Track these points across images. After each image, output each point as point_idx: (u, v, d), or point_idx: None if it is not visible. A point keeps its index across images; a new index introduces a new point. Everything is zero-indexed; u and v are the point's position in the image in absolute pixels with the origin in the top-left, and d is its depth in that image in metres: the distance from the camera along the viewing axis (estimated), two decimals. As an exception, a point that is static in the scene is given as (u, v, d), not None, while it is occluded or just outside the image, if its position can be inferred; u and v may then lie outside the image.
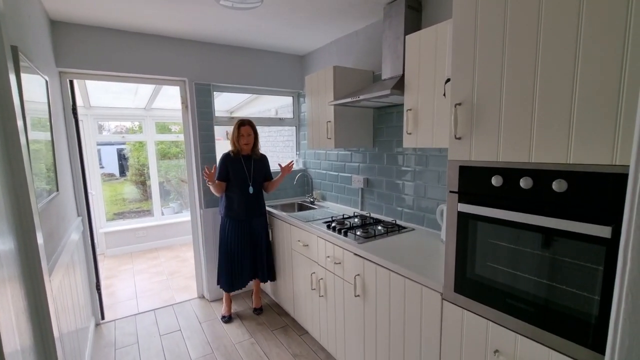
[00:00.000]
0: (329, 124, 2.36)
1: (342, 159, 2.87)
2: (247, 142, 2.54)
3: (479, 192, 1.17)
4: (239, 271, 2.63)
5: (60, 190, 1.80)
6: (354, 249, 1.83)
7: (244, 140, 2.53)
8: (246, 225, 2.62)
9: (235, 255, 2.61)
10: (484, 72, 1.11)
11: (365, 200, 2.66)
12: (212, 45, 2.83)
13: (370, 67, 2.46)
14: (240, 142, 2.53)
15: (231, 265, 2.62)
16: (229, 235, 2.61)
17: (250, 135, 2.55)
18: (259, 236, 2.70)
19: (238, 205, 2.57)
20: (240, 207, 2.58)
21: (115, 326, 2.62)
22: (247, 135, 2.54)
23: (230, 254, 2.61)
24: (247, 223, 2.63)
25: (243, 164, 2.59)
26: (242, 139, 2.53)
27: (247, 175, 2.59)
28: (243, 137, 2.53)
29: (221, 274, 2.65)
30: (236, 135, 2.54)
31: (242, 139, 2.53)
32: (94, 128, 4.57)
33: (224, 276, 2.62)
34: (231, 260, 2.62)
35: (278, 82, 3.20)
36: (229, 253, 2.61)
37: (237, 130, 2.54)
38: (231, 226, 2.60)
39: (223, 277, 2.63)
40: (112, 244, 4.44)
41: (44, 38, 1.95)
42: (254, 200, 2.63)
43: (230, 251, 2.61)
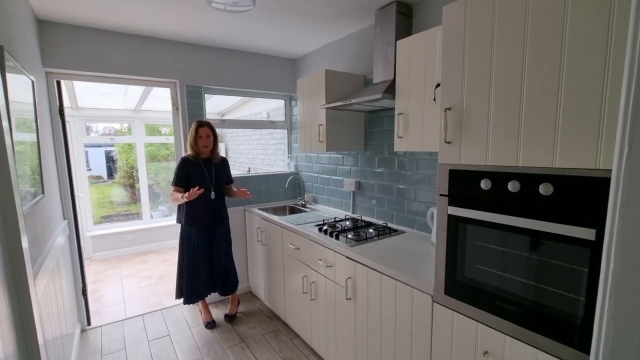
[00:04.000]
0: (320, 127, 2.36)
1: (333, 162, 2.88)
2: (206, 145, 2.43)
3: (468, 195, 1.19)
4: (201, 282, 2.52)
5: (46, 193, 1.76)
6: (346, 251, 1.83)
7: (202, 142, 2.41)
8: (209, 232, 2.54)
9: (198, 264, 2.50)
10: (472, 77, 1.14)
11: (357, 203, 2.67)
12: (204, 47, 2.82)
13: (361, 71, 2.48)
14: (199, 144, 2.41)
15: (192, 276, 2.50)
16: (194, 244, 2.48)
17: (209, 137, 2.44)
18: (220, 243, 2.59)
19: (202, 212, 2.45)
20: (204, 213, 2.46)
21: (101, 332, 2.56)
22: (205, 137, 2.42)
23: (194, 264, 2.49)
24: (210, 230, 2.54)
25: (203, 168, 2.47)
26: (200, 141, 2.40)
27: (208, 180, 2.48)
28: (202, 139, 2.41)
29: (183, 285, 2.52)
30: (194, 137, 2.40)
31: (201, 141, 2.41)
32: (82, 130, 4.48)
33: (186, 287, 2.50)
34: (193, 271, 2.49)
35: (270, 85, 3.20)
36: (192, 263, 2.49)
37: (195, 131, 2.40)
38: (195, 235, 2.48)
39: (185, 288, 2.51)
40: (100, 247, 4.35)
41: (30, 37, 1.91)
42: (217, 205, 2.54)
43: (194, 261, 2.49)
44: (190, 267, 2.50)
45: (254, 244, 3.02)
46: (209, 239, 2.55)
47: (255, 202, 3.22)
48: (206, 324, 2.63)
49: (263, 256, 2.87)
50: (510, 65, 1.03)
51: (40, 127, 1.85)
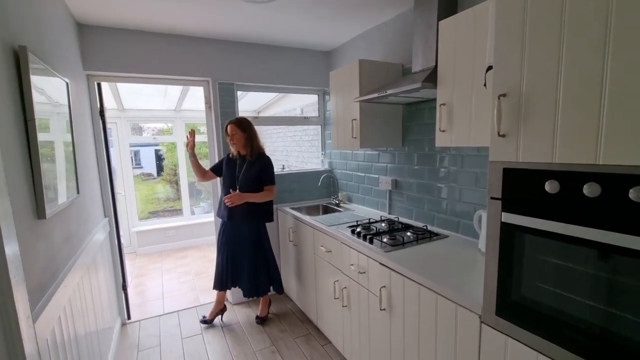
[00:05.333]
0: (354, 122, 2.21)
1: (369, 159, 2.71)
2: (234, 142, 2.41)
3: (527, 199, 0.98)
4: (224, 273, 2.56)
5: (82, 192, 1.80)
6: (380, 257, 1.67)
7: (229, 139, 2.42)
8: (233, 229, 2.50)
9: (222, 256, 2.56)
10: (535, 55, 0.92)
11: (394, 203, 2.48)
12: (236, 43, 2.78)
13: (399, 60, 2.28)
14: (229, 141, 2.44)
15: (218, 264, 2.58)
16: (219, 236, 2.60)
17: (235, 134, 2.38)
18: (245, 243, 2.50)
19: (223, 207, 2.47)
20: (225, 209, 2.46)
21: (140, 327, 2.64)
22: (231, 134, 2.39)
23: (219, 254, 2.59)
24: (234, 227, 2.50)
25: (237, 164, 2.47)
26: (229, 139, 2.42)
27: (235, 178, 2.44)
28: (229, 137, 2.41)
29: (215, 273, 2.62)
30: (225, 136, 2.47)
31: (229, 139, 2.42)
32: (128, 130, 4.72)
33: (215, 273, 2.61)
34: (218, 260, 2.59)
35: (303, 79, 3.10)
36: (219, 252, 2.60)
37: (225, 130, 2.45)
38: (221, 226, 2.58)
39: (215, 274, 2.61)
40: (144, 242, 4.57)
41: (69, 41, 1.97)
42: (245, 208, 2.41)
43: (219, 251, 2.59)
44: (217, 255, 2.60)
45: (286, 244, 2.95)
46: (232, 235, 2.51)
47: (288, 201, 3.14)
48: (202, 318, 2.67)
49: (294, 257, 2.79)
50: (587, 36, 0.81)
51: (77, 128, 1.90)
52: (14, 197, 1.00)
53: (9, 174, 0.98)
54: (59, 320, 1.25)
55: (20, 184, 1.06)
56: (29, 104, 1.13)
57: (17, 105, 1.08)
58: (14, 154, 1.03)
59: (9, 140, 1.01)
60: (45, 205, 1.19)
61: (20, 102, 1.11)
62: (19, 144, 1.07)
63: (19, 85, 1.11)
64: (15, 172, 1.03)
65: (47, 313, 1.11)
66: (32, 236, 1.10)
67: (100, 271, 2.08)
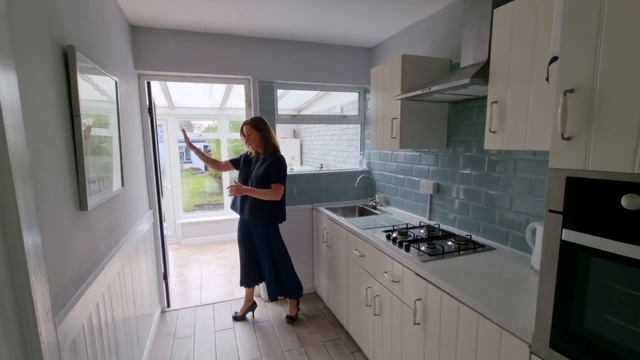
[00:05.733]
0: (394, 121, 2.09)
1: (410, 160, 2.57)
2: (250, 142, 2.44)
3: (596, 215, 0.82)
4: (246, 269, 2.61)
5: (127, 185, 1.90)
6: (416, 267, 1.55)
7: (245, 140, 2.45)
8: (246, 226, 2.54)
9: (241, 252, 2.61)
10: (615, 43, 0.76)
11: (435, 208, 2.32)
12: (276, 41, 2.78)
13: (447, 55, 2.12)
14: (245, 142, 2.48)
15: (240, 260, 2.63)
16: (238, 229, 2.63)
17: (251, 134, 2.41)
18: (257, 243, 2.52)
19: (237, 204, 2.53)
20: (238, 205, 2.52)
21: (177, 315, 2.75)
22: (247, 134, 2.42)
23: (239, 250, 2.63)
24: (242, 221, 2.56)
25: (252, 162, 2.52)
26: (244, 139, 2.46)
27: (248, 174, 2.50)
28: (244, 137, 2.45)
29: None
30: (242, 136, 2.49)
31: (244, 139, 2.46)
32: (177, 127, 4.98)
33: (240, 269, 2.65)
34: (240, 255, 2.63)
35: (343, 77, 3.02)
36: (239, 248, 2.63)
37: (241, 131, 2.48)
38: (238, 221, 2.61)
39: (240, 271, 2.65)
40: (187, 234, 4.80)
41: (121, 42, 2.08)
42: (250, 202, 2.42)
43: (239, 246, 2.63)
44: (239, 251, 2.64)
45: (320, 245, 2.90)
46: (246, 231, 2.54)
47: (324, 201, 3.09)
48: (234, 314, 2.71)
49: (327, 259, 2.73)
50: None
51: (125, 125, 2.00)
52: (56, 189, 1.05)
53: (51, 167, 1.03)
54: (96, 307, 1.31)
55: (63, 176, 1.11)
56: (76, 101, 1.19)
57: (64, 102, 1.14)
58: (59, 147, 1.09)
59: (55, 134, 1.07)
60: (88, 197, 1.24)
61: (68, 98, 1.17)
62: (64, 138, 1.12)
63: (67, 82, 1.17)
64: (58, 165, 1.08)
65: (84, 300, 1.16)
66: (72, 227, 1.16)
67: (142, 261, 2.19)
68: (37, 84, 0.98)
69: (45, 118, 1.01)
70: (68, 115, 1.17)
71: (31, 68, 0.94)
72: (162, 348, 2.31)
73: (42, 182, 0.96)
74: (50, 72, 1.06)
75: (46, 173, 1.00)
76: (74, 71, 1.18)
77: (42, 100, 1.00)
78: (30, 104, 0.93)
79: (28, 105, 0.91)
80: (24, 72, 0.90)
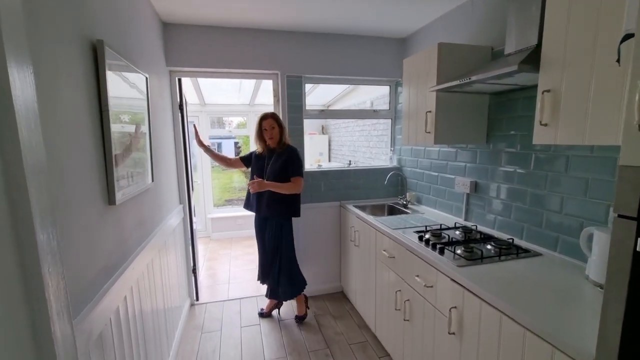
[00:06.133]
0: (428, 114, 1.95)
1: (444, 157, 2.41)
2: (271, 136, 2.35)
3: (685, 223, 0.68)
4: (261, 266, 2.59)
5: (157, 180, 1.92)
6: (452, 272, 1.43)
7: (267, 134, 2.36)
8: (261, 221, 2.49)
9: (259, 249, 2.59)
10: None
11: (472, 208, 2.16)
12: (305, 34, 2.71)
13: (488, 43, 1.95)
14: (265, 136, 2.38)
15: (259, 258, 2.60)
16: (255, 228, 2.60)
17: (274, 128, 2.35)
18: (269, 237, 2.45)
19: (252, 201, 2.47)
20: (254, 202, 2.45)
21: (205, 309, 2.79)
22: (270, 128, 2.34)
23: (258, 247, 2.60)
24: (257, 219, 2.52)
25: (265, 158, 2.44)
26: (265, 134, 2.37)
27: (263, 171, 2.42)
28: (266, 132, 2.36)
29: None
30: (259, 131, 2.40)
31: (266, 134, 2.36)
32: (208, 123, 5.08)
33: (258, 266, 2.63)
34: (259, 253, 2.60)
35: (374, 70, 2.90)
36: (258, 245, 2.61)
37: (259, 124, 2.39)
38: (254, 219, 2.57)
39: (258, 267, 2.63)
40: (217, 228, 4.89)
41: (153, 39, 2.11)
42: (265, 197, 2.37)
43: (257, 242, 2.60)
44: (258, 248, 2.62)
45: (347, 244, 2.82)
46: (262, 228, 2.51)
47: (353, 198, 3.01)
48: (260, 310, 2.70)
49: (356, 258, 2.64)
50: None
51: (156, 121, 2.03)
52: (83, 184, 1.05)
53: (78, 163, 1.03)
54: (124, 300, 1.32)
55: (91, 171, 1.12)
56: (104, 95, 1.19)
57: (92, 96, 1.14)
58: (87, 142, 1.09)
59: (82, 129, 1.07)
60: (116, 192, 1.25)
61: (96, 93, 1.18)
62: (92, 133, 1.13)
63: (96, 77, 1.17)
64: (86, 160, 1.08)
65: (111, 294, 1.17)
66: (100, 221, 1.16)
67: (171, 254, 2.22)
68: (64, 78, 0.98)
69: (72, 113, 1.01)
70: (97, 109, 1.17)
71: (57, 62, 0.94)
72: (190, 341, 2.34)
73: (68, 178, 0.96)
74: (78, 66, 1.06)
75: (73, 168, 1.00)
76: (103, 66, 1.18)
77: (68, 95, 1.00)
78: (56, 99, 0.92)
79: (53, 100, 0.91)
80: (48, 65, 0.89)
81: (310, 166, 3.10)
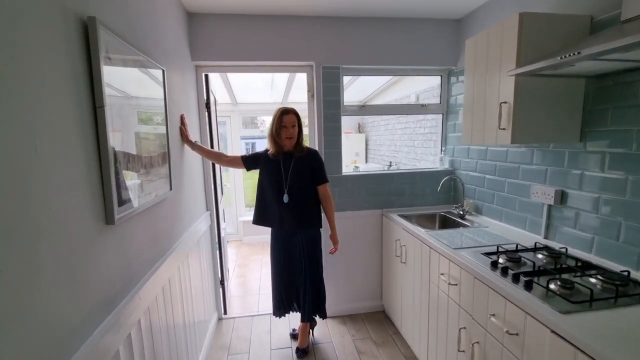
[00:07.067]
0: (503, 106, 1.54)
1: (514, 158, 1.97)
2: (290, 136, 1.97)
3: None
4: (283, 294, 2.21)
5: (177, 189, 1.69)
6: (552, 320, 1.04)
7: (286, 132, 1.96)
8: (286, 236, 2.11)
9: (277, 272, 2.19)
10: None
11: (555, 224, 1.71)
12: (343, 20, 2.38)
13: (585, 10, 1.50)
14: (283, 134, 1.97)
15: (275, 284, 2.22)
16: (272, 247, 2.20)
17: (294, 126, 1.98)
18: (298, 253, 2.11)
19: (271, 215, 2.10)
20: (273, 217, 2.09)
21: (233, 326, 2.55)
22: (291, 126, 1.96)
23: (273, 270, 2.22)
24: (285, 234, 2.12)
25: (280, 162, 2.03)
26: (284, 132, 1.96)
27: (282, 179, 2.01)
28: (286, 129, 1.96)
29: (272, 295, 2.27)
30: (277, 127, 1.97)
31: (285, 132, 1.96)
32: (240, 123, 4.91)
33: (272, 295, 2.25)
34: (274, 278, 2.22)
35: (423, 57, 2.51)
36: (272, 268, 2.22)
37: (278, 119, 1.96)
38: (272, 235, 2.19)
39: (272, 297, 2.25)
40: (248, 232, 4.71)
41: (175, 30, 1.88)
42: (292, 211, 2.02)
43: (273, 266, 2.22)
44: (272, 273, 2.24)
45: (391, 259, 2.46)
46: (287, 245, 2.13)
47: (396, 206, 2.63)
48: (296, 350, 2.20)
49: (402, 277, 2.27)
50: None
51: (177, 121, 1.80)
52: (67, 202, 0.81)
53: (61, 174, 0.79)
54: (127, 338, 1.08)
55: (81, 185, 0.87)
56: (99, 89, 0.94)
57: (81, 90, 0.90)
58: (72, 148, 0.84)
59: (65, 130, 0.82)
60: (116, 208, 1.00)
61: (89, 85, 0.93)
62: (80, 135, 0.88)
63: (88, 65, 0.93)
64: (72, 171, 0.84)
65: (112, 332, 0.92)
66: (93, 246, 0.92)
67: (195, 267, 2.00)
68: (41, 65, 0.73)
69: (54, 110, 0.77)
70: (89, 107, 0.93)
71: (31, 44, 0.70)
72: (216, 364, 2.11)
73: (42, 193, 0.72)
74: (59, 51, 0.81)
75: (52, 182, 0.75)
76: (96, 51, 0.93)
77: (48, 88, 0.75)
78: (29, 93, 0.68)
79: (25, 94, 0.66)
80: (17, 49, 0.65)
81: (346, 167, 2.75)
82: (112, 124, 1.00)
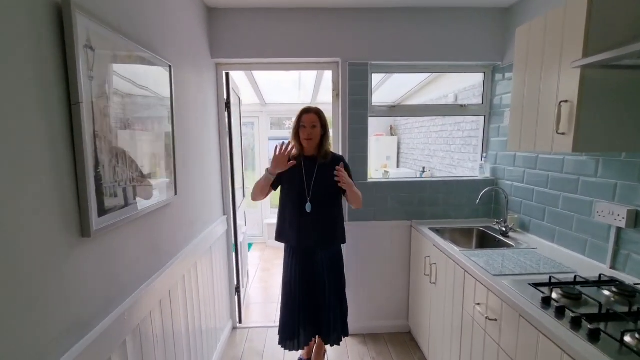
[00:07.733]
0: (563, 106, 1.26)
1: (573, 169, 1.65)
2: (309, 137, 1.77)
3: None
4: (299, 322, 1.90)
5: (183, 193, 1.58)
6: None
7: (304, 133, 1.77)
8: (305, 257, 1.86)
9: (294, 297, 1.89)
10: None
11: (626, 252, 1.39)
12: (371, 11, 2.17)
13: (676, -15, 1.18)
14: (301, 135, 1.78)
15: (288, 312, 1.91)
16: (288, 267, 1.92)
17: (315, 127, 1.77)
18: (322, 274, 1.86)
19: (290, 227, 1.84)
20: (292, 230, 1.83)
21: (247, 336, 2.43)
22: (310, 126, 1.77)
23: (288, 295, 1.92)
24: (305, 254, 1.86)
25: (303, 168, 1.81)
26: (302, 132, 1.77)
27: (304, 186, 1.79)
28: (304, 130, 1.77)
29: (280, 320, 1.97)
30: (296, 127, 1.80)
31: (303, 132, 1.77)
32: (267, 124, 4.84)
33: (280, 324, 1.96)
34: (288, 305, 1.91)
35: (464, 52, 2.23)
36: (286, 293, 1.92)
37: (298, 118, 1.80)
38: (289, 255, 1.92)
39: (280, 326, 1.96)
40: (273, 234, 4.60)
41: (191, 25, 1.79)
42: (314, 222, 1.79)
43: (287, 290, 1.92)
44: (284, 298, 1.94)
45: (420, 277, 2.20)
46: (308, 264, 1.86)
47: (428, 217, 2.37)
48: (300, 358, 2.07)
49: (431, 299, 2.02)
50: None
51: (189, 122, 1.70)
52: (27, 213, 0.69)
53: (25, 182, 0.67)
54: None
55: (45, 194, 0.76)
56: (75, 83, 0.83)
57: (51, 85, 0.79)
58: (34, 152, 0.73)
59: (27, 132, 0.71)
60: (94, 219, 0.89)
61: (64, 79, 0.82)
62: (47, 137, 0.77)
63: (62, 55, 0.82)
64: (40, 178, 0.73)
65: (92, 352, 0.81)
66: (66, 261, 0.81)
67: (205, 275, 1.90)
68: None
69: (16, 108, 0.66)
70: (63, 104, 0.82)
71: None
72: (225, 379, 1.99)
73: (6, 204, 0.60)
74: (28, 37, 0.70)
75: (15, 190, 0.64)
76: (71, 38, 0.82)
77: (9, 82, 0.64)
78: None
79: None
80: None
81: (376, 172, 2.52)
82: (93, 123, 0.89)
